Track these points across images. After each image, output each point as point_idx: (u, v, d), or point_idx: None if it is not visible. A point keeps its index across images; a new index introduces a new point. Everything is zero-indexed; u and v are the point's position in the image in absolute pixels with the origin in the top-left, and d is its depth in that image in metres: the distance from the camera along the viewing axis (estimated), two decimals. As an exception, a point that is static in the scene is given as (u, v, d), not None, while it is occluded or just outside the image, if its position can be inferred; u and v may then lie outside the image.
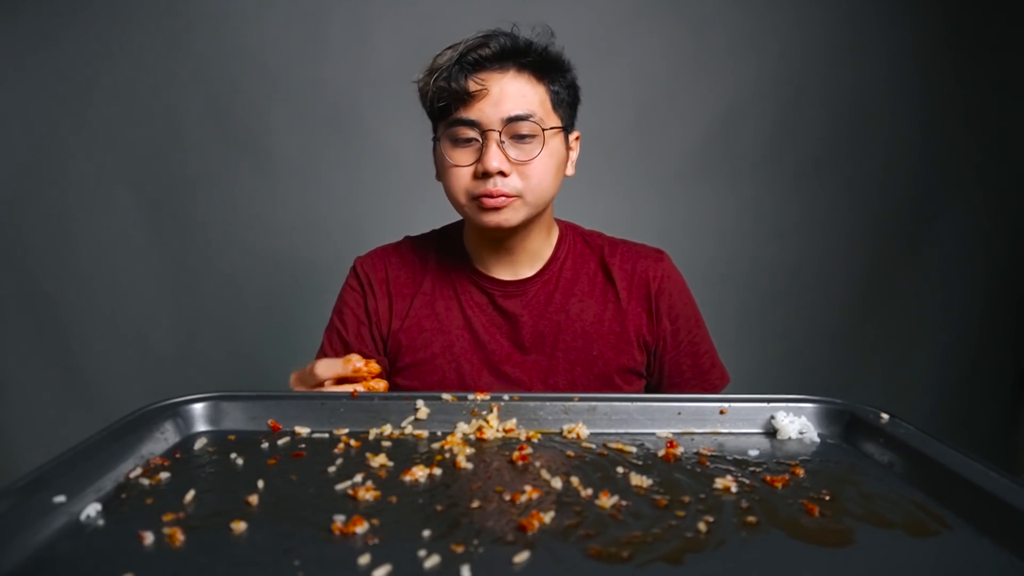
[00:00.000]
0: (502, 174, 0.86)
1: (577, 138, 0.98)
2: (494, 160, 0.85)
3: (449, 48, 0.88)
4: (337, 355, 0.97)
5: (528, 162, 0.87)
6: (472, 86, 0.85)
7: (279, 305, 1.92)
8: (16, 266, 1.87)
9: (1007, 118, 1.93)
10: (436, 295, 1.00)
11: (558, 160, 0.91)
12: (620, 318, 0.98)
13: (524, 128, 0.86)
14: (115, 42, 1.79)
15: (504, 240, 0.95)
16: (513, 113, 0.85)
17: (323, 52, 1.83)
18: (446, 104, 0.87)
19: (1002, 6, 1.88)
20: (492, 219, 0.89)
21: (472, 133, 0.87)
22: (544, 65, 0.89)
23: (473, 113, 0.86)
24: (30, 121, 1.82)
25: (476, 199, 0.89)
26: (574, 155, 0.98)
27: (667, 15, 1.86)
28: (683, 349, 1.01)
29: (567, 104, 0.93)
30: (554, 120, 0.90)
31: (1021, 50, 1.90)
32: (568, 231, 1.04)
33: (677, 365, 1.01)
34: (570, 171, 0.97)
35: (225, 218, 1.89)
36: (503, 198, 0.87)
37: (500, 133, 0.86)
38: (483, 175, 0.87)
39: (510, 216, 0.89)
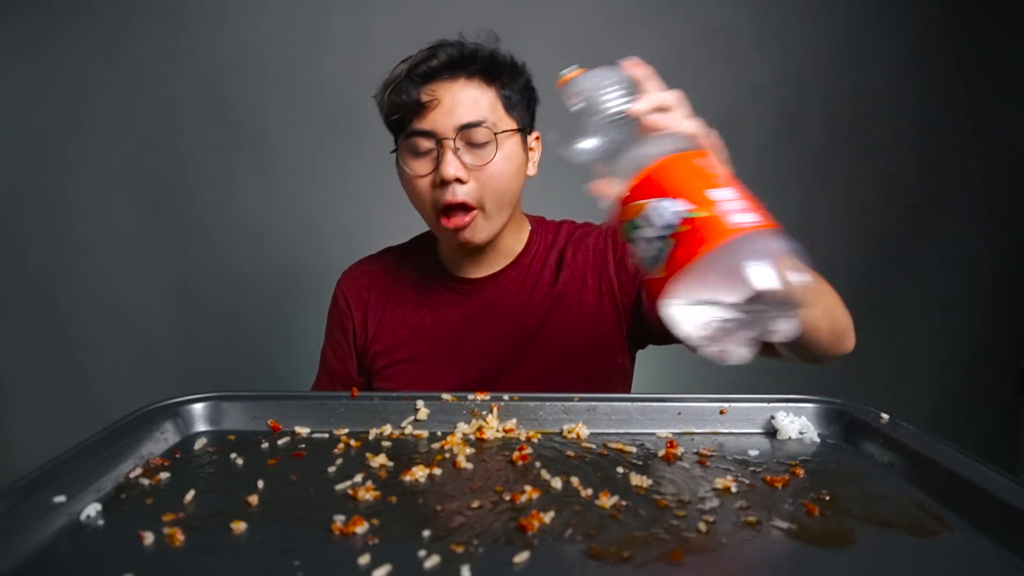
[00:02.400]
0: (460, 181, 0.88)
1: (537, 138, 1.00)
2: (450, 167, 0.87)
3: (403, 62, 0.91)
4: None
5: (484, 166, 0.89)
6: (423, 97, 0.88)
7: (279, 305, 1.92)
8: (16, 266, 1.87)
9: (1008, 118, 1.93)
10: (408, 300, 1.03)
11: (516, 163, 0.93)
12: (581, 303, 0.98)
13: (478, 135, 0.88)
14: (114, 42, 1.79)
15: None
16: (465, 120, 0.87)
17: (323, 52, 1.83)
18: (401, 116, 0.90)
19: (1003, 6, 1.88)
20: (458, 236, 0.92)
21: (428, 144, 0.89)
22: (492, 70, 0.90)
23: (427, 123, 0.88)
24: (30, 121, 1.82)
25: (439, 214, 0.91)
26: (536, 155, 1.00)
27: (667, 15, 1.86)
28: None
29: (522, 106, 0.94)
30: (508, 123, 0.92)
31: (1022, 50, 1.90)
32: (540, 226, 1.06)
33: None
34: (531, 171, 0.99)
35: (225, 218, 1.89)
36: (466, 217, 0.90)
37: (454, 140, 0.88)
38: (441, 183, 0.89)
39: (474, 235, 0.92)
